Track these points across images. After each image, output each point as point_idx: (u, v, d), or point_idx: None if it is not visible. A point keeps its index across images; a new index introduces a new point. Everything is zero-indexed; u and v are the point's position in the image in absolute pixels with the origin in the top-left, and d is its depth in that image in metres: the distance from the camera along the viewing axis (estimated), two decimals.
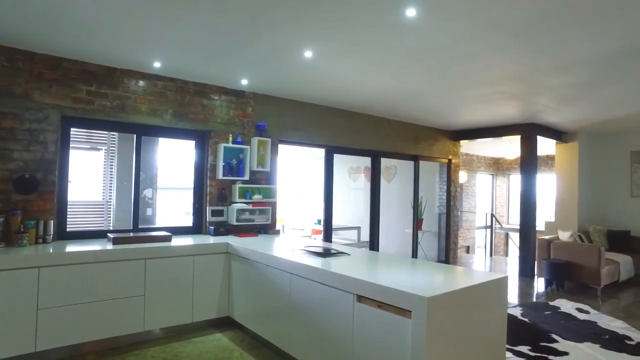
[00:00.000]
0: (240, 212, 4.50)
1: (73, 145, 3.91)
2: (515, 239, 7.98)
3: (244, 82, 4.36)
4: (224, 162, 4.44)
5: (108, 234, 3.70)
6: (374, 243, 6.23)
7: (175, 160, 6.30)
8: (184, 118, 4.27)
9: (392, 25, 2.82)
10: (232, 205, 4.49)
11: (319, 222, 5.99)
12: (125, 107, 3.91)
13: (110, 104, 3.83)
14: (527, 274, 6.41)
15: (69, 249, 3.26)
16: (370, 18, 2.72)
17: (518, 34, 2.95)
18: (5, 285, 2.83)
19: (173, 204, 6.43)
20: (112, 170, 5.65)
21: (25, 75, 3.42)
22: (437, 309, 2.02)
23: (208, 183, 4.46)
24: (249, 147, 4.62)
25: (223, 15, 2.72)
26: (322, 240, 5.60)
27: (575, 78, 3.98)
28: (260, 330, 3.38)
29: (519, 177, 6.74)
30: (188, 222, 4.53)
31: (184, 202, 4.97)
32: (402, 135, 6.49)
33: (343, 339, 2.47)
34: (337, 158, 5.76)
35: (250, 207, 4.57)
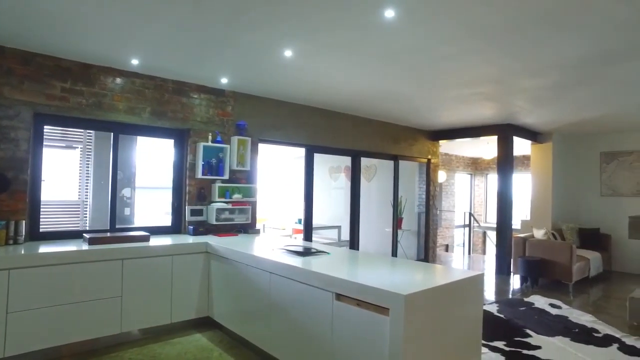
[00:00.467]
0: (220, 211, 4.48)
1: (47, 144, 3.81)
2: (493, 237, 8.17)
3: (224, 80, 4.33)
4: (204, 161, 4.41)
5: (84, 234, 3.62)
6: (354, 242, 6.28)
7: (154, 159, 6.20)
8: (163, 116, 4.22)
9: (370, 26, 2.86)
10: (211, 205, 4.46)
11: (300, 221, 6.00)
12: (102, 105, 3.83)
13: (86, 102, 3.74)
14: (503, 272, 6.58)
15: (42, 250, 3.18)
16: (350, 19, 2.74)
17: (492, 37, 3.02)
18: None
19: (152, 204, 6.32)
20: (88, 169, 5.52)
21: None
22: (414, 306, 2.06)
23: (187, 182, 4.41)
24: (229, 146, 4.59)
25: (201, 13, 2.70)
26: (302, 240, 5.61)
27: (547, 81, 4.10)
28: (240, 330, 3.37)
29: (497, 176, 6.90)
30: (167, 221, 4.47)
31: (164, 201, 4.91)
32: (382, 135, 6.55)
33: (322, 337, 2.49)
34: (317, 157, 5.78)
35: (230, 206, 4.55)
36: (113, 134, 4.07)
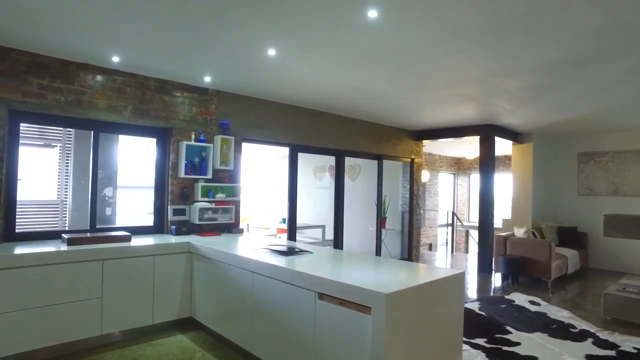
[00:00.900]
0: (203, 211, 4.44)
1: (23, 142, 3.73)
2: (475, 236, 8.29)
3: (207, 79, 4.29)
4: (186, 160, 4.36)
5: (63, 235, 3.54)
6: (338, 241, 6.30)
7: (137, 158, 6.10)
8: (145, 115, 4.15)
9: (354, 26, 2.87)
10: (194, 204, 4.42)
11: (284, 221, 5.99)
12: (82, 102, 3.76)
13: (65, 99, 3.66)
14: (485, 270, 6.69)
15: (18, 251, 3.09)
16: (333, 18, 2.75)
17: (473, 39, 3.07)
18: None
19: (134, 203, 6.23)
20: (68, 168, 5.40)
21: None
22: (396, 305, 2.08)
23: (170, 182, 4.36)
24: (212, 145, 4.56)
25: (183, 10, 2.67)
26: (286, 239, 5.60)
27: (526, 82, 4.19)
28: (223, 330, 3.35)
29: (479, 176, 7.01)
30: (149, 221, 4.41)
31: (146, 201, 4.84)
32: (366, 135, 6.59)
33: (305, 337, 2.50)
34: (303, 157, 5.78)
35: (213, 206, 4.51)
36: (93, 133, 3.99)
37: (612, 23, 2.72)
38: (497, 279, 6.25)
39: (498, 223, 7.48)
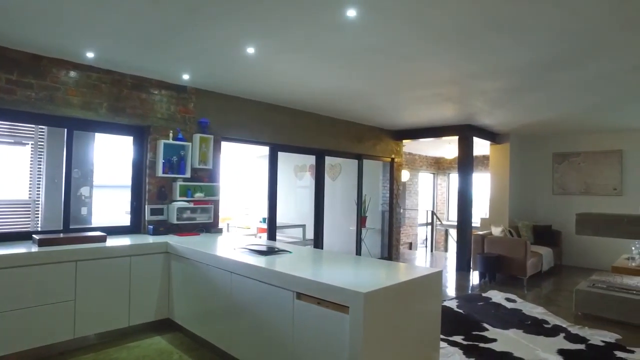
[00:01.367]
0: (181, 210, 4.37)
1: None
2: (454, 235, 8.42)
3: (186, 76, 4.23)
4: (164, 159, 4.29)
5: (33, 236, 3.43)
6: (319, 241, 6.31)
7: (114, 157, 5.97)
8: (121, 112, 4.06)
9: (332, 26, 2.87)
10: (172, 204, 4.35)
11: (264, 220, 5.96)
12: (54, 99, 3.65)
13: (36, 95, 3.55)
14: (463, 268, 6.80)
15: None
16: (311, 17, 2.74)
17: (449, 40, 3.11)
18: None
19: (111, 203, 6.09)
20: (40, 167, 5.24)
21: None
22: (373, 304, 2.09)
23: (147, 181, 4.28)
24: (191, 144, 4.49)
25: (158, 4, 2.61)
26: (266, 239, 5.57)
27: (502, 84, 4.27)
28: (201, 331, 3.31)
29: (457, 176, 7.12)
30: (126, 221, 4.32)
31: (123, 200, 4.73)
32: (346, 134, 6.61)
33: (283, 337, 2.49)
34: (283, 156, 5.75)
35: (192, 205, 4.45)
36: (67, 130, 3.88)
37: (582, 28, 2.80)
38: (475, 277, 6.36)
39: (476, 222, 7.62)
